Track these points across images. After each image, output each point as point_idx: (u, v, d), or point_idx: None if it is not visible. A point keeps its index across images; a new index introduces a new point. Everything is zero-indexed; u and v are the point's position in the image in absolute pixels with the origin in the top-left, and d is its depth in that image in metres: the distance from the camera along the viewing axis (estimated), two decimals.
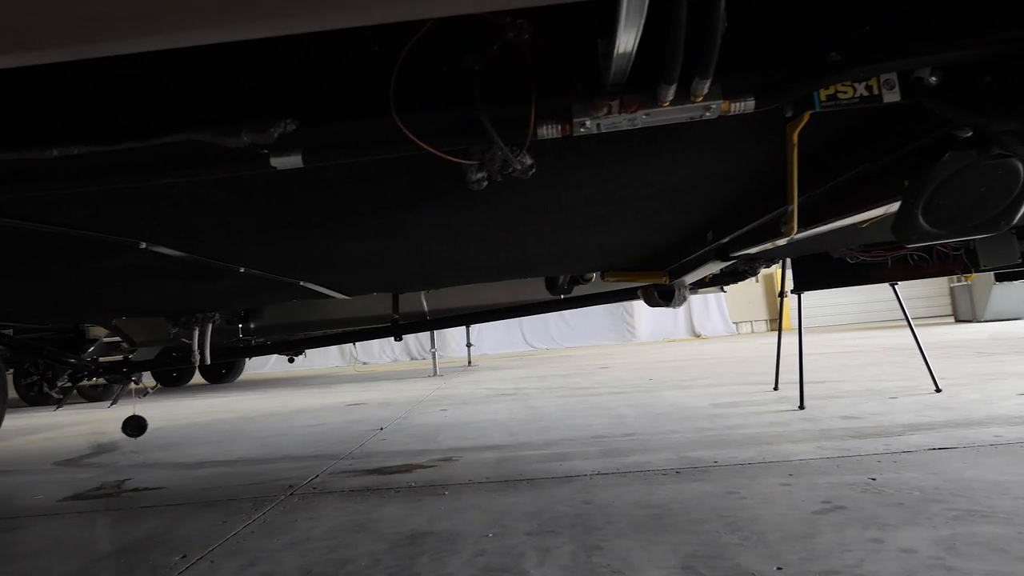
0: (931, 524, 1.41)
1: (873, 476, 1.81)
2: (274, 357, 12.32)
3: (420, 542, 1.56)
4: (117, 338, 6.00)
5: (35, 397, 8.55)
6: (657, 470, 2.07)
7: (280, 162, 0.82)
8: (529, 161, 0.86)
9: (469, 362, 9.57)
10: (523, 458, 2.46)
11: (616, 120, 0.78)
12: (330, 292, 2.61)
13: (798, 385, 3.15)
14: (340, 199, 1.18)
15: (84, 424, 5.54)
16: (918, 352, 3.45)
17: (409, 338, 12.65)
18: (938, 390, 3.23)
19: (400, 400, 5.17)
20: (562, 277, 3.24)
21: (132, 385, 3.42)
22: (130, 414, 3.57)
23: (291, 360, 10.57)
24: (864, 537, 1.37)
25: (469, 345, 9.21)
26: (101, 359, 3.56)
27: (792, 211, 1.07)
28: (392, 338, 3.06)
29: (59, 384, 3.68)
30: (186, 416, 5.41)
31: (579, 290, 3.46)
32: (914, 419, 2.59)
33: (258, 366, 13.40)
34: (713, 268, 1.91)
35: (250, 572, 1.45)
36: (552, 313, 4.38)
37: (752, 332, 13.31)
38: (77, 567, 1.60)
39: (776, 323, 13.15)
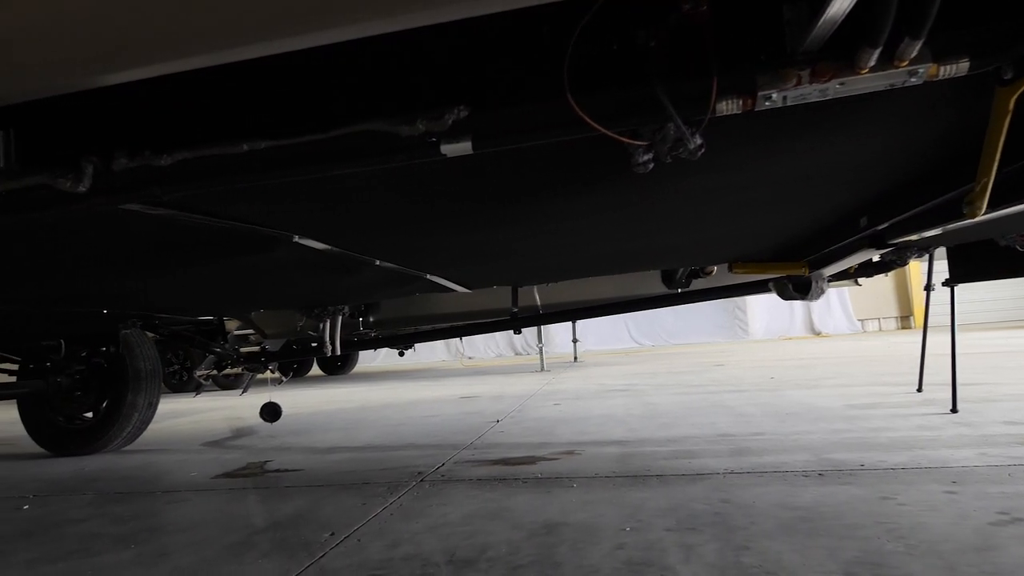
0: None
1: None
2: (384, 350, 12.85)
3: (556, 532, 1.56)
4: (246, 331, 6.47)
5: (176, 384, 9.38)
6: (796, 471, 1.96)
7: (450, 149, 0.83)
8: (700, 140, 0.82)
9: (575, 357, 9.55)
10: (647, 454, 2.41)
11: (805, 91, 0.73)
12: (453, 285, 2.67)
13: (949, 387, 2.89)
14: (487, 188, 1.20)
15: (221, 410, 6.00)
16: None
17: (512, 333, 12.81)
18: None
19: (511, 394, 5.23)
20: (681, 270, 3.15)
21: (269, 374, 3.66)
22: (265, 401, 3.82)
23: (401, 354, 10.94)
24: None
25: (575, 340, 9.19)
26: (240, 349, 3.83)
27: (984, 188, 0.97)
28: (497, 333, 3.10)
29: (204, 371, 4.01)
30: (310, 405, 5.73)
31: (698, 284, 3.35)
32: None
33: (369, 359, 14.04)
34: (863, 257, 1.77)
35: (396, 552, 1.50)
36: (659, 309, 4.29)
37: (880, 330, 12.38)
38: (239, 538, 1.72)
39: (908, 321, 12.16)
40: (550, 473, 2.20)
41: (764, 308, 12.06)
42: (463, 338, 12.44)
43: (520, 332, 3.04)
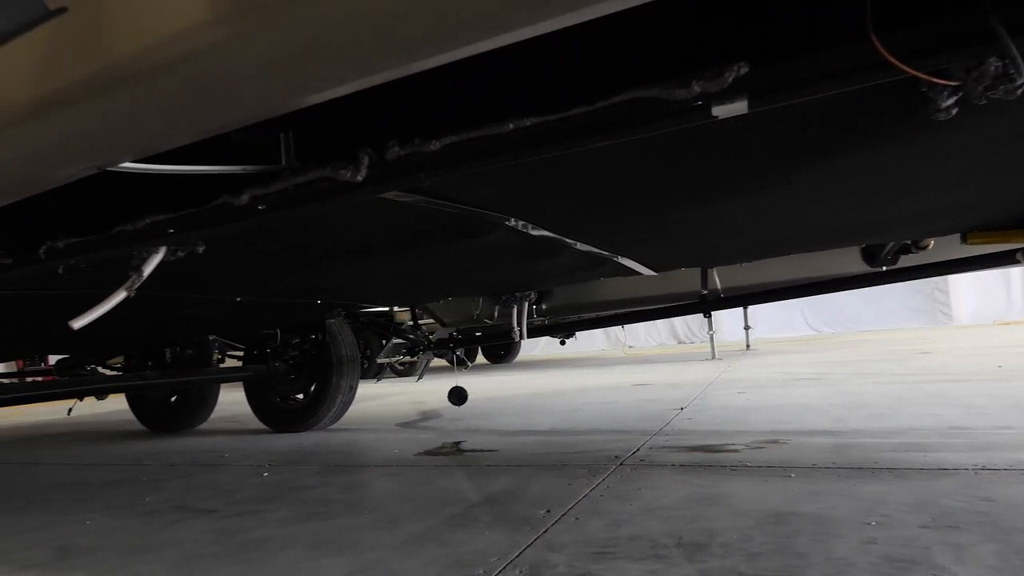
0: None
1: None
2: (544, 339, 13.00)
3: (787, 522, 1.47)
4: (423, 320, 6.86)
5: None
6: None
7: (722, 110, 0.79)
8: None
9: (747, 345, 9.07)
10: (867, 445, 2.21)
11: None
12: (641, 268, 2.62)
13: None
14: (722, 156, 1.14)
15: (402, 395, 6.42)
16: None
17: (676, 321, 12.42)
18: None
19: (686, 382, 5.07)
20: (892, 244, 2.84)
21: (455, 363, 3.84)
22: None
23: (562, 342, 11.02)
24: None
25: (747, 328, 8.72)
26: (431, 336, 4.06)
27: None
28: (657, 321, 2.99)
29: (394, 359, 4.31)
30: (483, 391, 5.94)
31: (907, 260, 3.01)
32: None
33: (530, 348, 14.32)
34: None
35: (619, 532, 1.49)
36: (840, 293, 3.92)
37: None
38: (458, 510, 1.81)
39: None
40: (759, 462, 2.09)
41: (972, 289, 10.50)
42: (624, 326, 12.27)
43: (710, 316, 2.93)
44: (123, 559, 1.60)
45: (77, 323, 1.35)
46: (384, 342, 7.84)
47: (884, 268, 3.07)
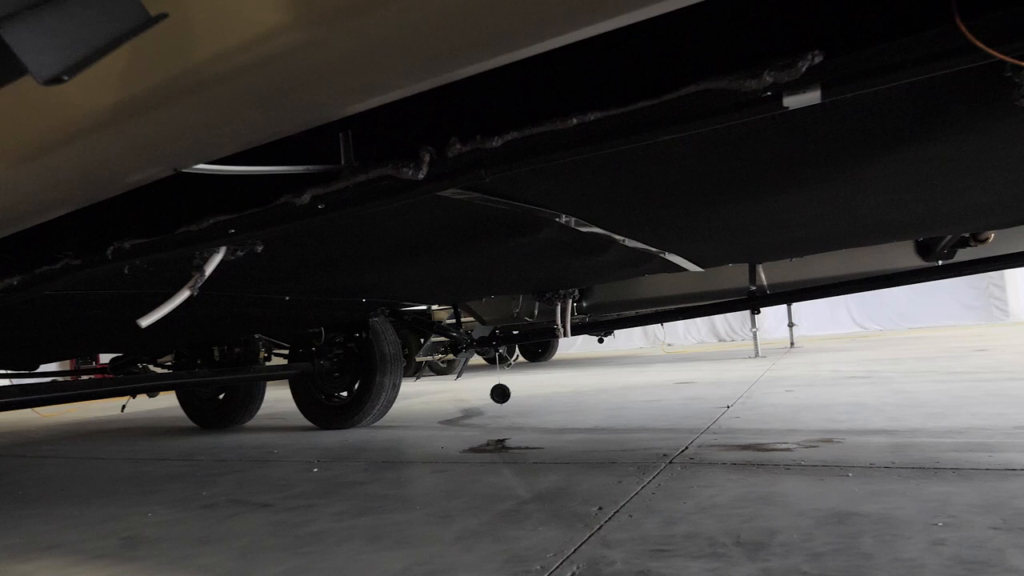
0: None
1: None
2: (581, 337, 12.95)
3: (850, 522, 1.44)
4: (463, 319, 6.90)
5: None
6: None
7: (794, 100, 0.78)
8: None
9: (792, 343, 8.89)
10: (927, 445, 2.14)
11: None
12: (687, 264, 2.59)
13: None
14: (794, 146, 1.11)
15: (442, 392, 6.46)
16: None
17: (717, 318, 12.25)
18: None
19: (730, 380, 4.99)
20: (949, 237, 2.75)
21: (495, 360, 3.86)
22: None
23: (600, 340, 10.96)
24: None
25: (791, 325, 8.55)
26: (472, 334, 4.07)
27: None
28: (697, 319, 2.93)
29: (438, 357, 4.34)
30: (523, 389, 5.94)
31: (964, 254, 2.90)
32: None
33: (567, 346, 14.28)
34: None
35: (675, 530, 1.48)
36: (889, 289, 3.80)
37: None
38: (510, 507, 1.82)
39: None
40: (814, 460, 2.04)
41: None
42: (663, 324, 12.11)
43: (759, 312, 2.87)
44: (187, 550, 1.65)
45: (144, 321, 1.39)
46: (422, 340, 7.94)
47: (940, 263, 2.97)
